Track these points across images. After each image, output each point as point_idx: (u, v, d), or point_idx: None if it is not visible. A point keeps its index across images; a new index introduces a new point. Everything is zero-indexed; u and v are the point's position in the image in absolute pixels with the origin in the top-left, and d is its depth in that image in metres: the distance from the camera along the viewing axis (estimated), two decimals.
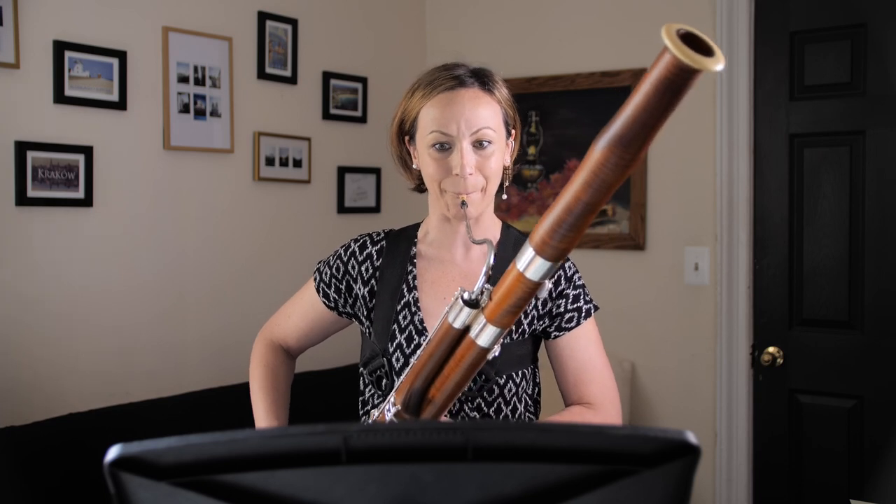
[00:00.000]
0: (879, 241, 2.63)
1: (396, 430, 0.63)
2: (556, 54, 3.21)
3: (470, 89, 1.40)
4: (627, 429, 0.64)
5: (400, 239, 1.54)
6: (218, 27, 2.75)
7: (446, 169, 1.38)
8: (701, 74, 0.80)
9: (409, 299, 1.46)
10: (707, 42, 0.81)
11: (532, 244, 0.99)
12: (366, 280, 1.51)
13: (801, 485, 2.78)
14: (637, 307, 3.04)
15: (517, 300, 1.03)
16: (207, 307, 2.74)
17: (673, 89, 0.82)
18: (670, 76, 0.81)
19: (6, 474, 2.04)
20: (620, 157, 0.88)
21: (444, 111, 1.37)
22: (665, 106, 0.84)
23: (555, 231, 0.95)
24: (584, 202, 0.92)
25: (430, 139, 1.38)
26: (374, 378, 1.46)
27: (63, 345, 2.39)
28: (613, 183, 0.90)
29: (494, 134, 1.40)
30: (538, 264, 0.99)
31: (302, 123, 3.03)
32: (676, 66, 0.79)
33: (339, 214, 3.16)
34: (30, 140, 2.30)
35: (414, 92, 1.43)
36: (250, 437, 0.62)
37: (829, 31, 2.69)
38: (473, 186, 1.38)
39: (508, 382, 1.43)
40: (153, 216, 2.60)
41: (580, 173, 0.92)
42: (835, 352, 2.71)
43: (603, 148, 0.89)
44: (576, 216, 0.93)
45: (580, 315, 1.48)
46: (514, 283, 1.02)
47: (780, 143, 2.78)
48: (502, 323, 1.07)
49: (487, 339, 1.08)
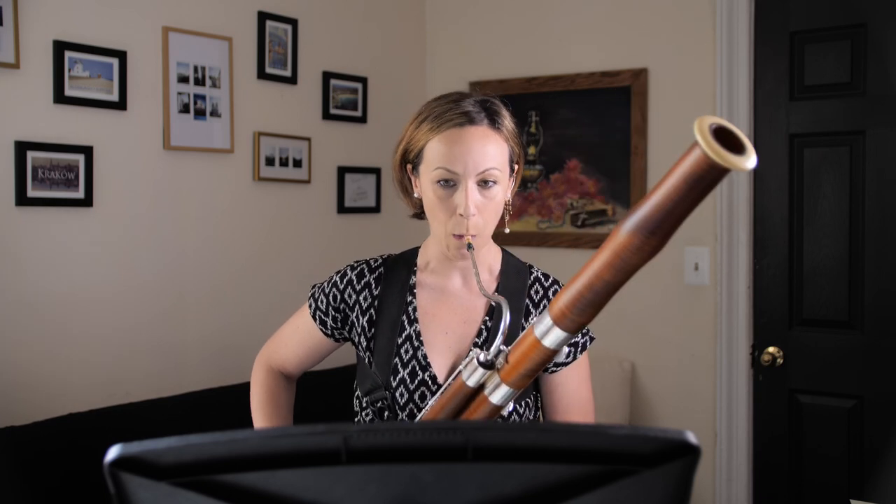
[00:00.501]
0: (879, 241, 2.63)
1: (396, 430, 0.63)
2: (556, 54, 3.21)
3: (479, 127, 1.37)
4: (627, 429, 0.64)
5: (399, 266, 1.51)
6: (218, 27, 2.75)
7: (450, 208, 1.36)
8: (731, 172, 0.80)
9: (410, 332, 1.45)
10: (739, 137, 0.81)
11: (551, 314, 1.01)
12: (364, 309, 1.48)
13: (801, 485, 2.78)
14: (637, 307, 3.04)
15: (534, 365, 1.07)
16: (207, 307, 2.74)
17: (702, 185, 0.82)
18: (701, 172, 0.81)
19: (6, 474, 2.04)
20: (645, 243, 0.90)
21: (453, 149, 1.35)
22: (693, 200, 0.84)
23: (574, 305, 0.98)
24: (606, 281, 0.95)
25: (434, 175, 1.37)
26: (376, 409, 1.45)
27: (63, 345, 2.39)
28: (637, 266, 0.93)
29: (500, 174, 1.38)
30: (555, 334, 1.02)
31: (302, 123, 3.03)
32: (707, 164, 0.79)
33: (339, 214, 3.16)
34: (30, 140, 2.30)
35: (421, 123, 1.41)
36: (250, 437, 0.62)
37: (829, 31, 2.69)
38: (475, 228, 1.36)
39: (513, 414, 1.43)
40: (153, 216, 2.60)
41: (603, 252, 0.94)
42: (835, 352, 2.71)
43: (628, 232, 0.91)
44: (596, 293, 0.96)
45: (577, 350, 1.47)
46: (530, 350, 1.06)
47: (780, 143, 2.78)
48: (517, 385, 1.10)
49: (501, 397, 1.12)
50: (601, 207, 3.13)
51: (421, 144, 1.40)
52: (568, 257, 3.18)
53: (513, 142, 1.43)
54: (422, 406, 1.40)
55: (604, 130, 3.10)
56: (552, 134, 3.22)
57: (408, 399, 1.41)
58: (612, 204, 3.10)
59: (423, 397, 1.41)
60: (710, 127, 0.79)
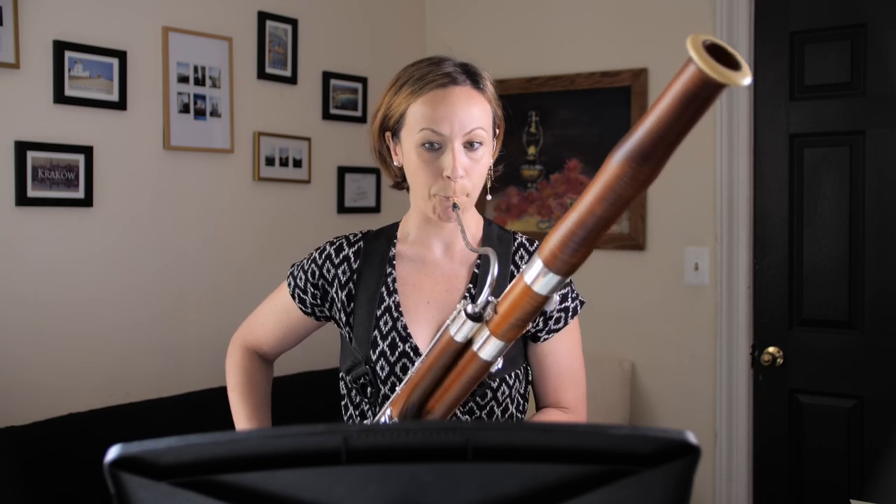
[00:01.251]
0: (879, 241, 2.63)
1: (396, 430, 0.63)
2: (556, 54, 3.21)
3: (463, 87, 1.35)
4: (627, 429, 0.64)
5: (378, 240, 1.48)
6: (218, 27, 2.75)
7: (436, 171, 1.32)
8: (726, 89, 0.77)
9: (389, 303, 1.41)
10: (733, 55, 0.78)
11: (541, 257, 0.95)
12: (343, 284, 1.45)
13: (801, 485, 2.78)
14: (637, 307, 3.04)
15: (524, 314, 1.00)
16: (207, 307, 2.74)
17: (697, 104, 0.78)
18: (695, 90, 0.77)
19: (6, 474, 2.04)
20: (638, 171, 0.85)
21: (437, 109, 1.32)
22: (687, 121, 0.80)
23: (566, 245, 0.92)
24: (598, 216, 0.89)
25: (419, 137, 1.33)
26: (359, 386, 1.41)
27: (63, 345, 2.39)
28: (629, 198, 0.87)
29: (485, 135, 1.35)
30: (547, 278, 0.96)
31: (302, 123, 3.03)
32: (702, 79, 0.76)
33: (339, 214, 3.16)
34: (30, 140, 2.30)
35: (401, 88, 1.37)
36: (250, 437, 0.62)
37: (829, 31, 2.69)
38: (462, 190, 1.33)
39: (502, 385, 1.40)
40: (153, 216, 2.60)
41: (594, 186, 0.89)
42: (835, 352, 2.71)
43: (620, 162, 0.85)
44: (588, 230, 0.90)
45: (567, 314, 1.44)
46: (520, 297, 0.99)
47: (780, 143, 2.78)
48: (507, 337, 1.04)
49: (491, 352, 1.06)
50: None
51: (402, 109, 1.36)
52: None
53: (495, 104, 1.41)
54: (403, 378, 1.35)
55: (604, 130, 3.10)
56: (552, 134, 3.22)
57: (389, 372, 1.37)
58: None
59: (404, 370, 1.37)
60: (703, 43, 0.76)
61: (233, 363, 1.58)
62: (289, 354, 1.69)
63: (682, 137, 0.82)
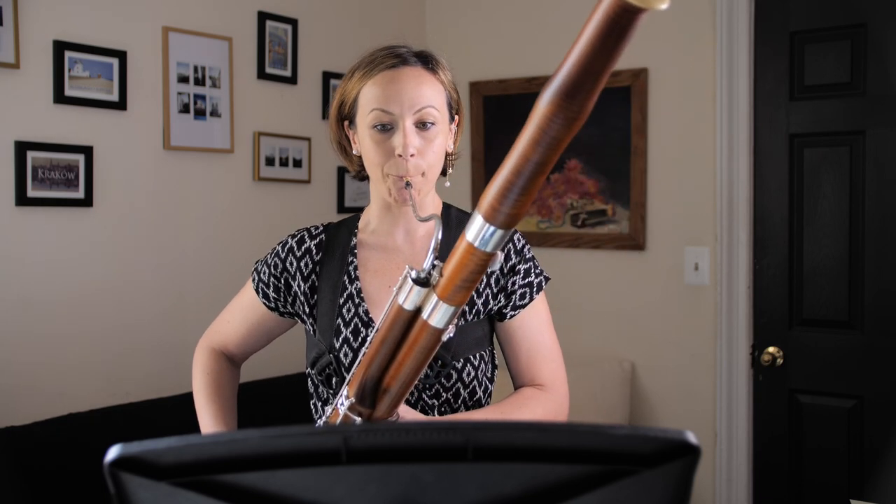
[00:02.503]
0: (879, 241, 2.63)
1: (396, 430, 0.63)
2: (557, 54, 3.20)
3: (413, 68, 1.34)
4: (627, 429, 0.64)
5: (339, 231, 1.48)
6: (218, 27, 2.75)
7: (388, 150, 1.32)
8: (646, 14, 0.75)
9: (351, 290, 1.40)
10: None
11: (481, 212, 0.92)
12: (305, 276, 1.44)
13: (801, 485, 2.78)
14: (637, 307, 3.04)
15: (469, 274, 0.97)
16: (207, 307, 2.74)
17: (617, 31, 0.76)
18: (614, 16, 0.75)
19: (6, 474, 2.04)
20: (567, 109, 0.83)
21: (386, 89, 1.31)
22: (609, 50, 0.78)
23: (504, 196, 0.89)
24: (534, 162, 0.86)
25: (370, 119, 1.32)
26: (324, 377, 1.39)
27: (63, 345, 2.39)
28: (562, 139, 0.85)
29: (438, 114, 1.34)
30: (488, 233, 0.92)
31: (302, 123, 3.03)
32: (619, 5, 0.74)
33: (339, 214, 3.16)
34: (30, 140, 2.30)
35: (353, 73, 1.37)
36: (250, 437, 0.62)
37: (829, 31, 2.69)
38: (416, 169, 1.32)
39: (466, 366, 1.38)
40: (153, 216, 2.60)
41: (526, 131, 0.86)
42: (835, 352, 2.71)
43: (548, 102, 0.84)
44: (525, 178, 0.87)
45: (532, 290, 1.42)
46: (464, 256, 0.96)
47: (780, 143, 2.78)
48: (455, 300, 1.00)
49: (441, 318, 1.01)
50: (601, 207, 3.13)
51: (354, 93, 1.36)
52: (568, 257, 3.18)
53: (450, 88, 1.40)
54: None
55: (604, 130, 3.10)
56: None
57: (352, 359, 1.35)
58: (612, 204, 3.10)
59: None
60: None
61: (198, 365, 1.56)
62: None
63: (608, 69, 0.80)
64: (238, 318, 1.54)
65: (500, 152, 3.32)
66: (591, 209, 3.15)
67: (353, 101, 1.37)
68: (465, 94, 3.38)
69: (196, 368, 1.56)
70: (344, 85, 1.39)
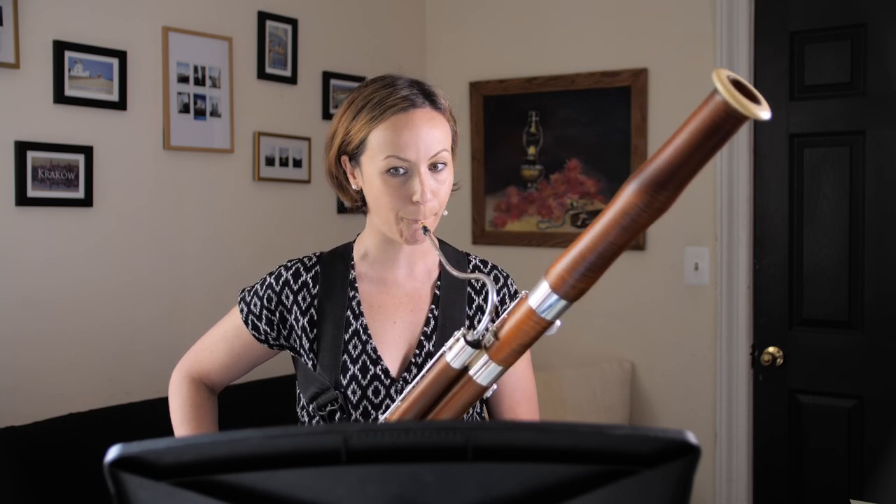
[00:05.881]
0: (879, 241, 2.63)
1: (396, 430, 0.63)
2: (556, 54, 3.21)
3: (423, 109, 1.32)
4: (627, 429, 0.64)
5: (334, 262, 1.45)
6: (218, 27, 2.75)
7: (404, 196, 1.30)
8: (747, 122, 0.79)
9: (357, 327, 1.39)
10: (752, 90, 0.81)
11: (548, 280, 0.94)
12: (303, 310, 1.41)
13: (801, 485, 2.78)
14: (637, 307, 3.04)
15: (527, 339, 1.00)
16: (207, 307, 2.74)
17: (720, 135, 0.81)
18: (719, 120, 0.80)
19: (6, 474, 2.04)
20: (654, 199, 0.87)
21: (402, 135, 1.29)
22: (707, 151, 0.82)
23: (575, 269, 0.92)
24: (612, 243, 0.90)
25: (384, 164, 1.30)
26: (327, 413, 1.37)
27: (63, 345, 2.39)
28: (644, 225, 0.88)
29: (448, 155, 1.34)
30: (552, 302, 0.95)
31: (302, 123, 3.03)
32: (726, 111, 0.79)
33: (339, 214, 3.16)
34: (30, 140, 2.30)
35: (358, 113, 1.34)
36: (250, 437, 0.62)
37: (829, 31, 2.69)
38: (431, 212, 1.32)
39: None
40: (153, 216, 2.60)
41: (609, 211, 0.90)
42: (835, 352, 2.71)
43: (638, 188, 0.87)
44: (599, 255, 0.90)
45: None
46: (523, 321, 0.98)
47: (780, 143, 2.78)
48: (507, 362, 1.03)
49: (488, 377, 1.05)
50: (601, 207, 3.12)
51: (362, 135, 1.33)
52: None
53: (452, 120, 1.40)
54: (376, 402, 1.35)
55: (604, 130, 3.10)
56: (552, 134, 3.22)
57: (361, 396, 1.35)
58: None
59: (376, 392, 1.35)
60: (727, 77, 0.79)
61: (178, 395, 1.49)
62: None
63: (700, 168, 0.84)
64: (222, 347, 1.48)
65: (500, 152, 3.33)
66: (591, 209, 3.15)
67: (360, 143, 1.34)
68: (465, 94, 3.39)
69: (175, 397, 1.50)
70: (347, 124, 1.35)
